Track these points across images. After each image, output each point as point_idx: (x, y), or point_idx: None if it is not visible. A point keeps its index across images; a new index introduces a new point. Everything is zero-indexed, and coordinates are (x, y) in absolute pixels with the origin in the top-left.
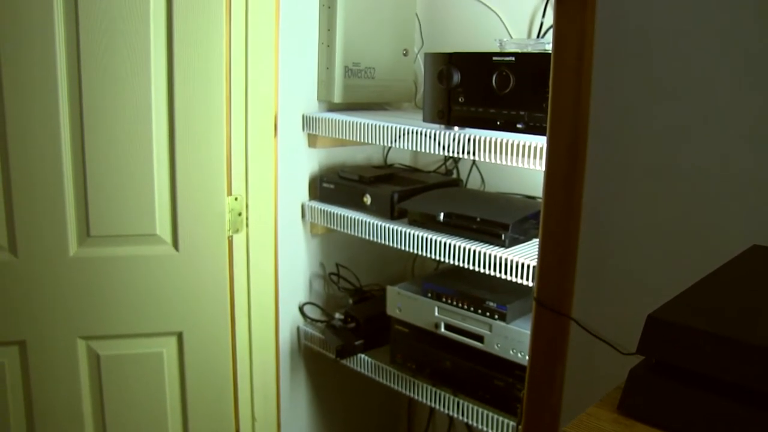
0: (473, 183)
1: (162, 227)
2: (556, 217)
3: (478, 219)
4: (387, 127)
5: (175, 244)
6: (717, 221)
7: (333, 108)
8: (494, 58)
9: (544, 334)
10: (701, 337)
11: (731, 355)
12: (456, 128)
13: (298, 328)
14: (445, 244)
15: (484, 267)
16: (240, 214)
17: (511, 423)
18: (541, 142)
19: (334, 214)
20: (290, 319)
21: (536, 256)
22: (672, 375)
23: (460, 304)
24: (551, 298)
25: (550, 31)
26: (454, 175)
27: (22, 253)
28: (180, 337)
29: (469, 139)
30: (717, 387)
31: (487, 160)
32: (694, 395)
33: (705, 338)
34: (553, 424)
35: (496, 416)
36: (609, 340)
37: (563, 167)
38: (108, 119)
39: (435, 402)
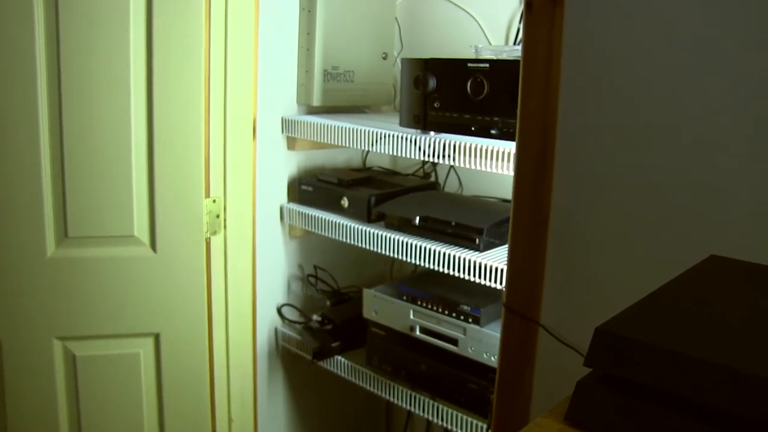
0: (451, 186)
1: (140, 228)
2: (525, 223)
3: (453, 223)
4: (365, 131)
5: (153, 245)
6: (682, 230)
7: (312, 111)
8: (469, 65)
9: (514, 339)
10: (647, 350)
11: (676, 368)
12: (432, 133)
13: (275, 330)
14: (420, 247)
15: (459, 271)
16: (218, 216)
17: (484, 426)
18: (513, 147)
19: (312, 216)
20: (268, 321)
21: None
22: (619, 387)
23: (434, 308)
24: (520, 304)
25: None
26: (432, 179)
27: (0, 253)
28: (157, 338)
29: (444, 144)
30: (663, 400)
31: (463, 164)
32: (640, 408)
33: (650, 351)
34: (521, 427)
35: (470, 419)
36: (576, 347)
37: (532, 173)
38: (87, 120)
39: (411, 405)
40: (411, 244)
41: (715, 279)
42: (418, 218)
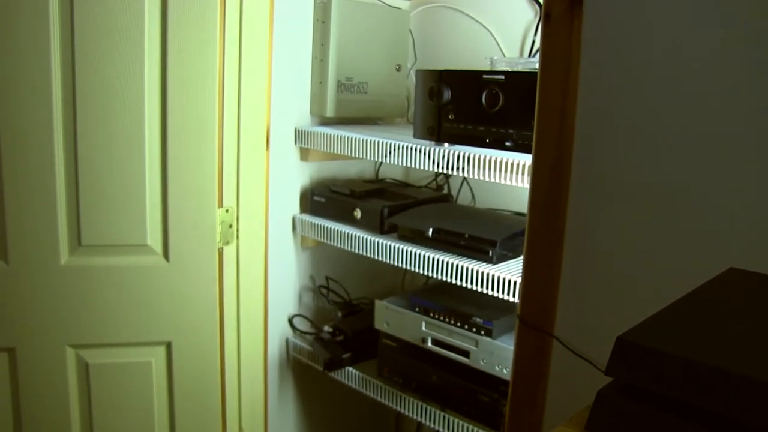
0: (463, 199)
1: (153, 238)
2: (540, 235)
3: (467, 235)
4: (378, 142)
5: (166, 254)
6: (699, 242)
7: (325, 122)
8: (484, 77)
9: (527, 351)
10: (668, 360)
11: (698, 379)
12: (446, 145)
13: (287, 340)
14: (433, 259)
15: (472, 283)
16: (231, 226)
17: None
18: (528, 159)
19: (324, 227)
20: (279, 331)
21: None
22: (639, 397)
23: (447, 320)
24: (534, 316)
25: None
26: (445, 191)
27: (14, 260)
28: (169, 347)
29: (458, 156)
30: (684, 410)
31: (476, 176)
32: (661, 418)
33: (671, 361)
34: None
35: (481, 431)
36: (590, 359)
37: (548, 185)
38: (101, 130)
39: (422, 416)
40: (424, 256)
41: (735, 291)
42: (431, 230)
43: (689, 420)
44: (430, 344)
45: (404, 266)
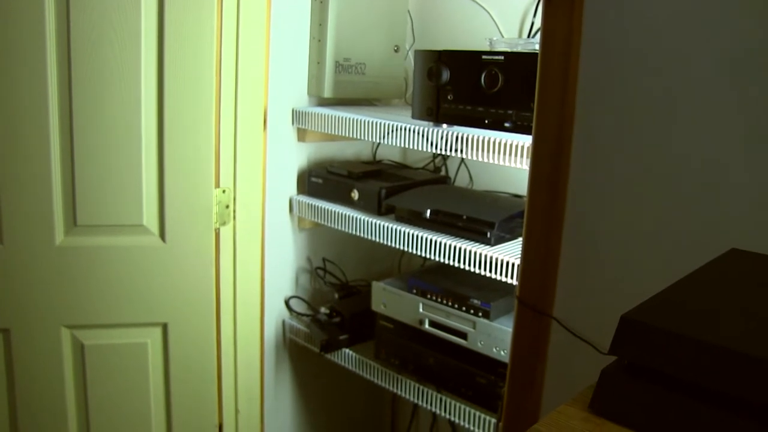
0: (461, 181)
1: (149, 218)
2: (540, 216)
3: (465, 217)
4: (376, 123)
5: (162, 235)
6: (699, 224)
7: (323, 103)
8: (483, 57)
9: (526, 332)
10: (673, 339)
11: (701, 357)
12: (444, 126)
13: (283, 322)
14: (431, 241)
15: (470, 264)
16: (227, 207)
17: (493, 420)
18: (527, 141)
19: (321, 208)
20: (276, 313)
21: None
22: (643, 376)
23: (444, 301)
24: (533, 297)
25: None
26: (443, 173)
27: (8, 240)
28: (165, 328)
29: (457, 137)
30: (688, 389)
31: (475, 158)
32: (664, 396)
33: (676, 340)
34: (533, 422)
35: (478, 413)
36: (590, 340)
37: (547, 167)
38: (97, 109)
39: (418, 398)
40: (421, 237)
41: (737, 271)
42: (428, 211)
43: (693, 398)
44: (427, 326)
45: (402, 248)
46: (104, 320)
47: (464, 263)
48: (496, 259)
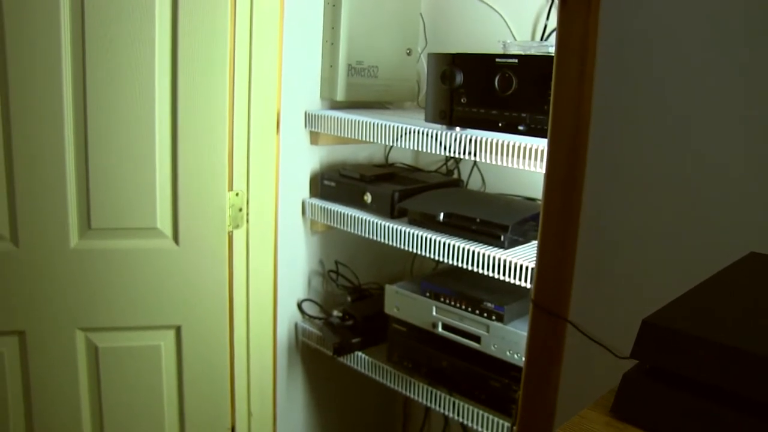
0: (474, 184)
1: (163, 221)
2: (556, 219)
3: (478, 220)
4: (389, 126)
5: (176, 238)
6: (716, 227)
7: (335, 106)
8: (497, 60)
9: (541, 336)
10: (694, 343)
11: (724, 361)
12: (458, 129)
13: (296, 325)
14: (444, 244)
15: (483, 268)
16: (241, 210)
17: (506, 424)
18: (542, 144)
19: (334, 211)
20: (288, 316)
21: (535, 258)
22: (665, 380)
23: (457, 305)
24: (549, 301)
25: (554, 34)
26: (455, 176)
27: (24, 243)
28: (178, 330)
29: (470, 140)
30: (709, 393)
31: (488, 161)
32: (686, 400)
33: (698, 344)
34: (548, 426)
35: (491, 417)
36: (605, 344)
37: (563, 170)
38: (111, 112)
39: (431, 401)
40: (435, 241)
41: (757, 275)
42: (442, 214)
43: (715, 402)
44: (440, 329)
45: (415, 251)
46: (118, 323)
47: (478, 266)
48: (510, 263)
